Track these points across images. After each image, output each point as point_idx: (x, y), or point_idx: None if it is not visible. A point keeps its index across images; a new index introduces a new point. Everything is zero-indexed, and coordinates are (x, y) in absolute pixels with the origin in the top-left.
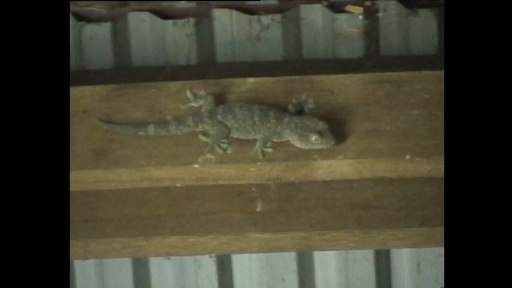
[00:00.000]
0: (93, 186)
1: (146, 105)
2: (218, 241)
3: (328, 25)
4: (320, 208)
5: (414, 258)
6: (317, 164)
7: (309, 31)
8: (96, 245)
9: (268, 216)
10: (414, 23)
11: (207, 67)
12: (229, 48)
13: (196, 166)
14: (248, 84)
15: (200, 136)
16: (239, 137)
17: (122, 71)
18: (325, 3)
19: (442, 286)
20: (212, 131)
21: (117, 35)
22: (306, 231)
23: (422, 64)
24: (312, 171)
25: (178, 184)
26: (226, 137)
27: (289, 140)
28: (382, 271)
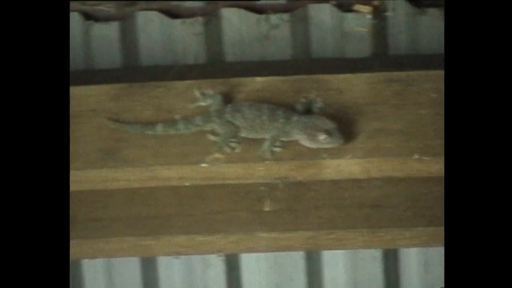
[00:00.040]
0: (101, 186)
1: (154, 104)
2: (226, 240)
3: (336, 24)
4: (328, 207)
5: (422, 257)
6: (325, 163)
7: (318, 30)
8: (104, 244)
9: (276, 215)
10: (422, 22)
11: (216, 66)
12: (238, 47)
13: (204, 165)
14: (256, 83)
15: (209, 135)
16: (248, 136)
17: (130, 70)
18: (333, 2)
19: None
20: (221, 130)
21: (126, 35)
22: (314, 230)
23: (430, 64)
24: (320, 170)
25: (186, 184)
26: (234, 136)
27: (297, 139)
28: (390, 270)
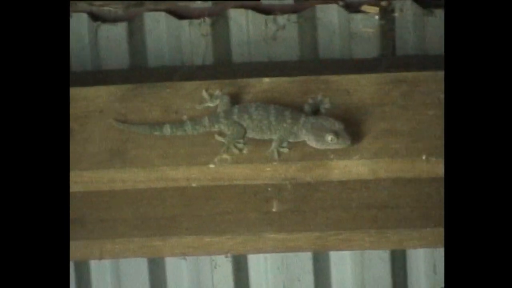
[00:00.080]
0: (109, 186)
1: (161, 105)
2: (234, 241)
3: (344, 25)
4: (336, 208)
5: (430, 258)
6: (333, 164)
7: (325, 31)
8: (111, 245)
9: (283, 216)
10: (430, 23)
11: (223, 67)
12: (245, 48)
13: (212, 166)
14: (264, 84)
15: (216, 136)
16: (255, 137)
17: (138, 71)
18: (341, 3)
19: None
20: (228, 131)
21: (133, 35)
22: (321, 231)
23: (438, 64)
24: (328, 171)
25: (193, 184)
26: (242, 137)
27: (305, 140)
28: (397, 271)
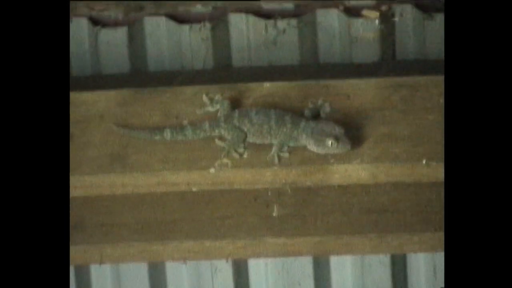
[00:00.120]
0: (109, 191)
1: (162, 110)
2: (234, 245)
3: (344, 29)
4: (336, 213)
5: (430, 263)
6: (333, 168)
7: (325, 36)
8: (112, 249)
9: (284, 220)
10: (430, 28)
11: (223, 71)
12: (245, 53)
13: (212, 170)
14: (264, 88)
15: (217, 140)
16: (255, 141)
17: (138, 76)
18: (341, 8)
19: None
20: (228, 136)
21: (133, 40)
22: (322, 236)
23: (438, 69)
24: (328, 175)
25: (194, 189)
26: (242, 141)
27: (305, 144)
28: (398, 275)
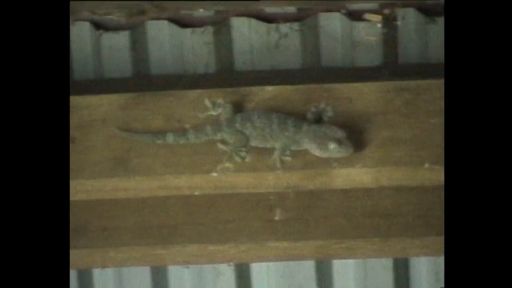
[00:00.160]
0: (111, 195)
1: (164, 114)
2: (237, 249)
3: (346, 33)
4: (338, 217)
5: (432, 267)
6: (336, 172)
7: (328, 39)
8: (114, 253)
9: (286, 224)
10: (433, 31)
11: (226, 75)
12: (248, 57)
13: (214, 174)
14: (266, 92)
15: (219, 144)
16: (258, 145)
17: (141, 80)
18: (343, 11)
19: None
20: (231, 140)
21: (136, 44)
22: (324, 240)
23: (440, 72)
24: (330, 179)
25: (196, 193)
26: (244, 145)
27: (307, 148)
28: (400, 279)
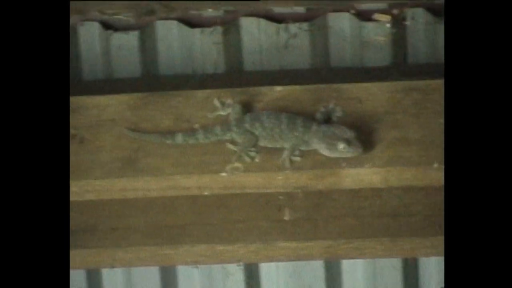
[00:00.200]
0: (120, 195)
1: (173, 114)
2: (246, 249)
3: (355, 33)
4: (347, 217)
5: (442, 267)
6: (345, 172)
7: (337, 40)
8: (123, 253)
9: (295, 224)
10: (442, 31)
11: (235, 75)
12: (257, 57)
13: (223, 174)
14: (275, 92)
15: (228, 144)
16: (267, 145)
17: (150, 80)
18: (352, 11)
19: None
20: (240, 140)
21: (145, 44)
22: (333, 240)
23: None
24: (339, 179)
25: (205, 193)
26: (253, 145)
27: (316, 148)
28: (409, 279)
